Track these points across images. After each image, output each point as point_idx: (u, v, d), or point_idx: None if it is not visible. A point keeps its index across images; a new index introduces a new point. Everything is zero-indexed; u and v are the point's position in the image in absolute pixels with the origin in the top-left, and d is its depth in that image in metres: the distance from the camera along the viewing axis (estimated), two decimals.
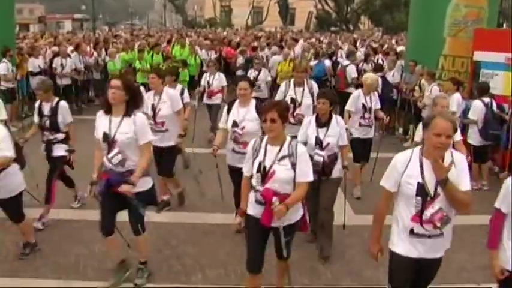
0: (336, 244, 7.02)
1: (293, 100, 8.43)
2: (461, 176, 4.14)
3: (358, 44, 24.77)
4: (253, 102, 6.92)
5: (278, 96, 8.66)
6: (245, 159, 5.10)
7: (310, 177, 4.90)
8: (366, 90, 9.04)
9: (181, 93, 9.09)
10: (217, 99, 12.57)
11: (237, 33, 32.28)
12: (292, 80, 8.72)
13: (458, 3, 12.22)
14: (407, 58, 13.83)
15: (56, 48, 16.36)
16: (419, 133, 6.77)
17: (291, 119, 7.82)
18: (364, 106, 9.05)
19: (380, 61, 15.66)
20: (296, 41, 22.57)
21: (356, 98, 9.09)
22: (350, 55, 14.60)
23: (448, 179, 4.03)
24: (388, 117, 9.56)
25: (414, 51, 13.45)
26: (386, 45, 22.41)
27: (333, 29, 54.71)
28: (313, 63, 15.41)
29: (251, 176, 4.93)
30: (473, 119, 9.63)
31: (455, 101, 9.96)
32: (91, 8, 57.40)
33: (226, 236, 7.21)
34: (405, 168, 4.20)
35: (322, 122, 6.67)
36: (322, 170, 6.48)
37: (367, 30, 56.32)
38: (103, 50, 17.36)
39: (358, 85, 13.75)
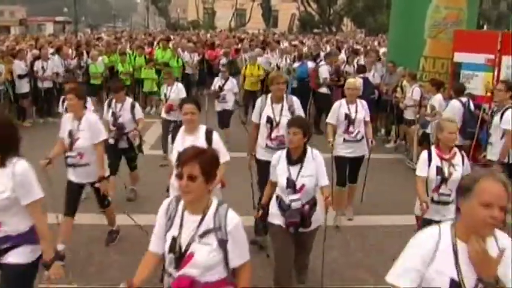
0: (317, 245, 7.04)
1: (270, 119, 6.92)
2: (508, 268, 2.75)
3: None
4: (202, 129, 5.75)
5: (254, 115, 7.22)
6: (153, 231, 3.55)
7: (247, 257, 3.52)
8: (348, 98, 7.88)
9: (132, 109, 8.54)
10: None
11: (218, 35, 32.23)
12: (269, 95, 7.10)
13: (438, 5, 12.34)
14: (388, 59, 13.96)
15: (36, 51, 16.24)
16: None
17: (269, 142, 6.91)
18: (347, 117, 7.76)
19: (362, 62, 15.74)
20: (279, 43, 22.60)
21: (337, 108, 7.87)
22: (327, 56, 14.71)
23: (499, 279, 2.69)
24: (374, 141, 8.19)
25: (395, 52, 13.58)
26: (368, 47, 22.55)
27: (315, 31, 54.91)
28: (296, 65, 15.44)
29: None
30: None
31: (437, 102, 10.07)
32: (73, 11, 57.10)
33: None
34: (432, 258, 2.80)
35: (294, 158, 5.28)
36: (300, 221, 5.21)
37: (350, 32, 56.61)
38: (85, 52, 17.25)
39: (331, 86, 13.89)
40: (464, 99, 9.69)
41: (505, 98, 7.91)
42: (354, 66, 15.03)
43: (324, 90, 13.76)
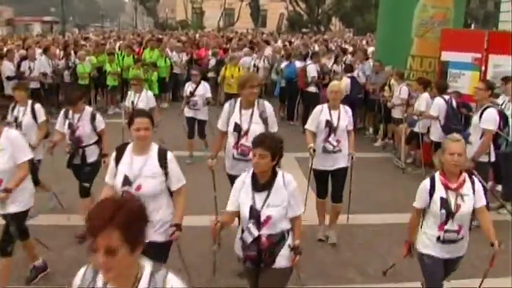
0: (306, 245, 7.04)
1: (238, 126, 6.22)
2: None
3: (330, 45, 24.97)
4: (154, 148, 4.74)
5: (220, 121, 6.38)
6: None
7: None
8: (331, 103, 6.97)
9: (92, 120, 7.46)
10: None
11: (206, 35, 32.16)
12: (239, 99, 6.32)
13: (425, 4, 12.37)
14: (375, 58, 14.01)
15: (24, 52, 16.13)
16: None
17: (234, 152, 6.23)
18: (328, 124, 6.86)
19: (349, 61, 15.81)
20: (267, 43, 22.59)
21: (318, 114, 6.97)
22: (314, 55, 14.71)
23: None
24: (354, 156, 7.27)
25: (383, 51, 13.62)
26: (357, 46, 22.61)
27: (304, 30, 54.98)
28: (283, 65, 15.41)
29: None
30: (433, 115, 9.75)
31: (424, 100, 10.14)
32: (60, 11, 56.77)
33: (194, 238, 7.19)
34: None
35: (261, 184, 4.38)
36: (258, 256, 4.36)
37: (338, 32, 56.74)
38: (72, 52, 17.16)
39: (319, 84, 13.92)
40: (447, 96, 9.74)
41: (485, 97, 7.90)
42: (341, 65, 15.07)
43: (312, 89, 13.78)
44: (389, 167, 10.92)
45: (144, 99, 10.19)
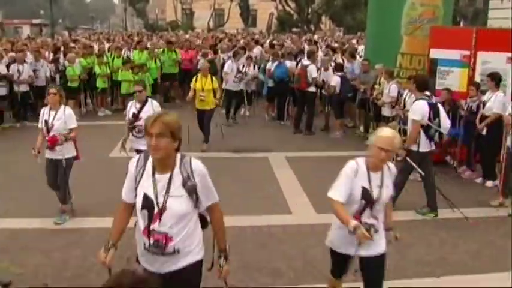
0: (297, 244, 7.06)
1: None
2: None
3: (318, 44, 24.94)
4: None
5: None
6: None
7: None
8: (375, 163, 4.54)
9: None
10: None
11: (199, 36, 32.11)
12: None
13: (414, 2, 12.40)
14: (364, 56, 14.04)
15: (13, 54, 16.02)
16: None
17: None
18: (365, 194, 4.50)
19: (340, 60, 15.80)
20: (257, 43, 22.56)
21: (350, 176, 4.55)
22: (311, 55, 14.68)
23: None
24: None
25: (372, 49, 13.66)
26: (347, 45, 22.62)
27: (294, 29, 54.97)
28: (270, 64, 15.29)
29: None
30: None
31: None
32: (50, 13, 56.51)
33: None
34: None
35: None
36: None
37: (328, 31, 56.79)
38: (62, 55, 17.08)
39: (318, 85, 13.95)
40: (428, 93, 9.78)
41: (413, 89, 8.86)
42: (330, 64, 15.06)
43: (311, 89, 13.75)
44: None
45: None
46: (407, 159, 8.07)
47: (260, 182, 9.69)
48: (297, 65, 14.98)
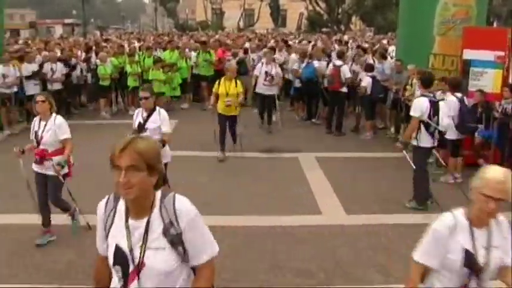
0: (327, 245, 7.03)
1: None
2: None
3: (349, 44, 24.83)
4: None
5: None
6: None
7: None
8: (480, 216, 3.36)
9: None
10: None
11: (229, 36, 32.21)
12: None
13: (446, 2, 12.23)
14: (396, 57, 13.90)
15: (46, 53, 16.28)
16: None
17: None
18: (469, 259, 3.34)
19: (370, 61, 15.67)
20: (286, 43, 22.51)
21: (444, 233, 3.41)
22: (341, 55, 14.59)
23: None
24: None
25: (404, 50, 13.50)
26: (377, 45, 22.43)
27: (324, 30, 54.77)
28: (297, 65, 15.23)
29: None
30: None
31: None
32: (82, 13, 57.29)
33: (216, 237, 7.19)
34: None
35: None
36: None
37: (358, 31, 56.43)
38: (93, 54, 17.31)
39: (351, 86, 13.88)
40: (459, 94, 9.69)
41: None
42: (361, 65, 14.95)
43: (343, 89, 13.69)
44: (411, 167, 10.79)
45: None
46: (404, 152, 8.57)
47: (290, 182, 9.68)
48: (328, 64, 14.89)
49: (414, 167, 8.37)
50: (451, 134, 9.72)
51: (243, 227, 7.57)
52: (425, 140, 8.28)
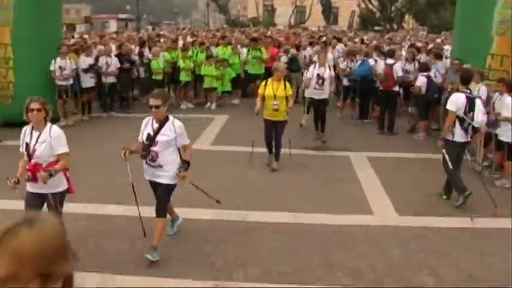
0: (379, 245, 6.95)
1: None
2: None
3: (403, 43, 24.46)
4: None
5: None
6: None
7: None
8: None
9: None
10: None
11: (280, 32, 32.20)
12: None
13: (506, 0, 11.88)
14: (453, 57, 13.57)
15: (102, 48, 16.62)
16: None
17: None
18: None
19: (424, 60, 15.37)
20: (339, 40, 22.34)
21: None
22: (392, 54, 14.35)
23: None
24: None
25: (460, 50, 13.17)
26: (432, 45, 22.00)
27: (376, 28, 54.15)
28: (345, 64, 15.08)
29: None
30: (507, 116, 9.40)
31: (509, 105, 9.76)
32: (135, 8, 58.31)
33: (267, 233, 7.23)
34: None
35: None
36: None
37: (411, 30, 55.51)
38: (147, 49, 17.57)
39: (402, 85, 13.67)
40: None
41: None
42: (414, 64, 14.70)
43: (396, 88, 13.51)
44: (464, 169, 10.55)
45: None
46: (443, 150, 8.59)
47: (341, 181, 9.60)
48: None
49: (450, 170, 8.43)
50: (507, 137, 9.47)
51: (293, 224, 7.55)
52: (459, 135, 8.44)
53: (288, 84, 10.31)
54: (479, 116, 8.44)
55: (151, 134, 6.43)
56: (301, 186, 9.25)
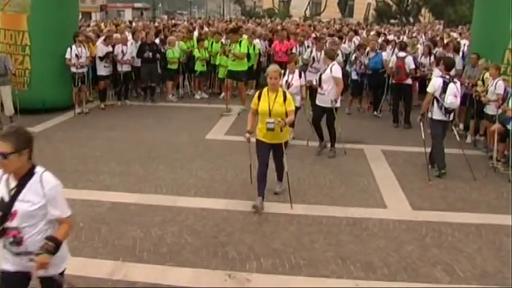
0: (392, 239, 6.91)
1: None
2: None
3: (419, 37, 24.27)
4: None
5: None
6: None
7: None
8: None
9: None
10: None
11: (294, 23, 32.03)
12: None
13: None
14: (470, 52, 13.43)
15: (118, 36, 16.61)
16: None
17: None
18: None
19: (439, 54, 15.23)
20: (356, 32, 22.19)
21: None
22: (404, 47, 14.23)
23: None
24: None
25: (478, 44, 13.03)
26: (448, 39, 21.79)
27: (392, 21, 53.76)
28: (360, 57, 14.96)
29: None
30: None
31: None
32: None
33: (281, 225, 7.22)
34: None
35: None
36: None
37: (427, 23, 55.06)
38: (163, 37, 17.55)
39: (415, 78, 13.58)
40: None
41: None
42: (430, 58, 14.58)
43: (408, 81, 13.43)
44: (480, 166, 10.47)
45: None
46: (420, 123, 9.85)
47: (356, 174, 9.55)
48: None
49: (423, 137, 9.81)
50: None
51: (306, 216, 7.53)
52: (437, 113, 9.54)
53: (288, 96, 7.78)
54: (449, 98, 9.32)
55: (6, 199, 3.74)
56: (316, 179, 9.22)
